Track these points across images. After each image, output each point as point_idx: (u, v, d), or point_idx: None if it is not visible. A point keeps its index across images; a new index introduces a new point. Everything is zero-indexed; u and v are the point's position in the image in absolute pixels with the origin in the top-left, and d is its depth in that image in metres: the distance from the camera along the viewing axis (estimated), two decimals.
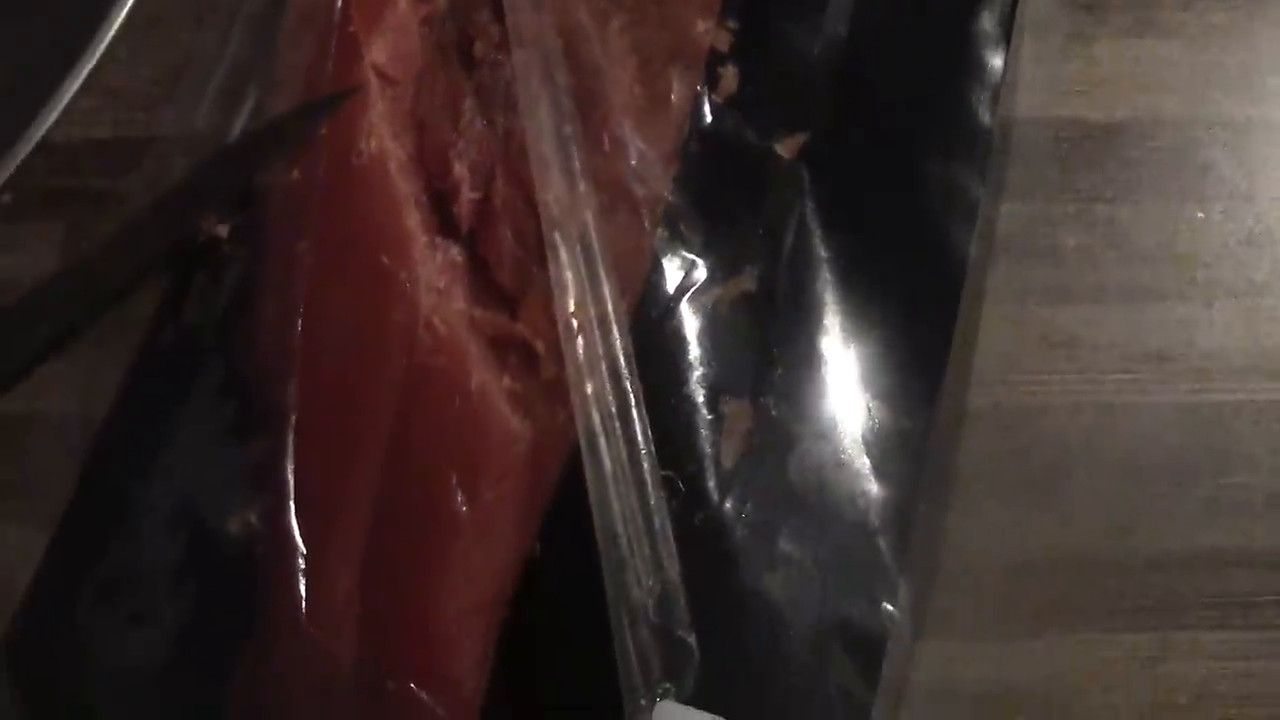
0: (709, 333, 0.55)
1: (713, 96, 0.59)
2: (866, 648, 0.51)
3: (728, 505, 0.52)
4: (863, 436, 0.53)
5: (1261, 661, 0.54)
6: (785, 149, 0.57)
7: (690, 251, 0.55)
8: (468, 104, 0.58)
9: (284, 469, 0.53)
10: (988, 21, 0.59)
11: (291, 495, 0.52)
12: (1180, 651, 0.54)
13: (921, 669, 0.53)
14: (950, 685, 0.54)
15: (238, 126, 0.58)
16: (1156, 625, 0.54)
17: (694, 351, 0.54)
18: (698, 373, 0.53)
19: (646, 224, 0.55)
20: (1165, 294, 0.59)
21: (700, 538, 0.52)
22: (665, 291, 0.55)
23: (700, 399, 0.53)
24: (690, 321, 0.54)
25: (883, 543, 0.52)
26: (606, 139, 0.56)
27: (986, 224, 0.58)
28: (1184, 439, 0.57)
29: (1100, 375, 0.58)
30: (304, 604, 0.51)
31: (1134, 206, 0.60)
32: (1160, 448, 0.57)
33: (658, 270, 0.55)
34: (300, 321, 0.54)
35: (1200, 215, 0.60)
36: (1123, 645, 0.54)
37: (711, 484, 0.52)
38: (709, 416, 0.53)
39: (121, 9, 0.57)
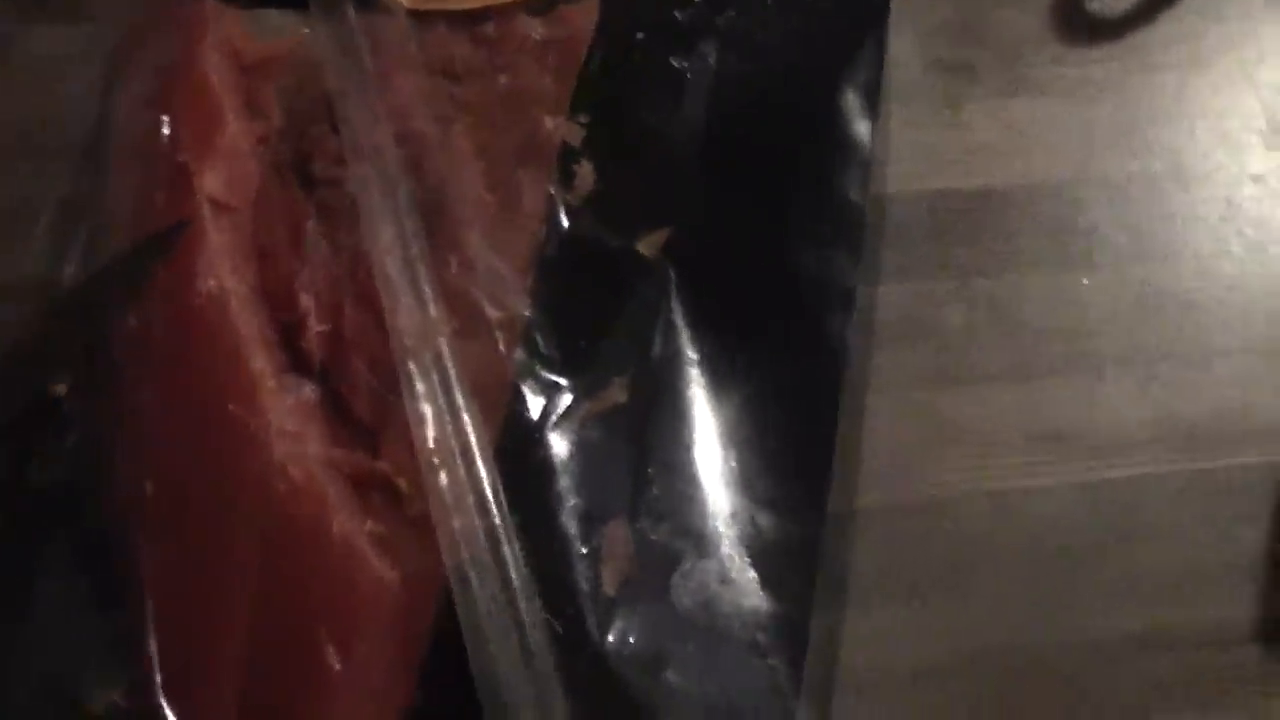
0: (579, 456, 0.52)
1: (567, 197, 0.56)
2: None
3: (610, 640, 0.49)
4: (749, 548, 0.51)
5: None
6: (647, 246, 0.55)
7: (552, 372, 0.53)
8: (310, 226, 0.55)
9: (147, 641, 0.50)
10: (852, 94, 0.57)
11: (157, 668, 0.49)
12: None
13: None
14: None
15: (69, 268, 0.55)
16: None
17: (564, 479, 0.51)
18: (570, 502, 0.51)
19: (503, 347, 0.53)
20: (1055, 369, 0.57)
21: (586, 678, 0.49)
22: (529, 418, 0.52)
23: (574, 530, 0.50)
24: (559, 446, 0.52)
25: (777, 663, 0.49)
26: (455, 257, 0.53)
27: (864, 309, 0.56)
28: (1087, 521, 0.55)
29: (994, 462, 0.55)
30: None
31: (1016, 279, 0.58)
32: (1063, 532, 0.54)
33: (519, 396, 0.52)
34: (149, 481, 0.51)
35: (1086, 282, 0.58)
36: None
37: (592, 621, 0.49)
38: (583, 550, 0.50)
39: None
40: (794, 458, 0.53)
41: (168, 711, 0.49)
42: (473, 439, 0.51)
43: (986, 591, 0.53)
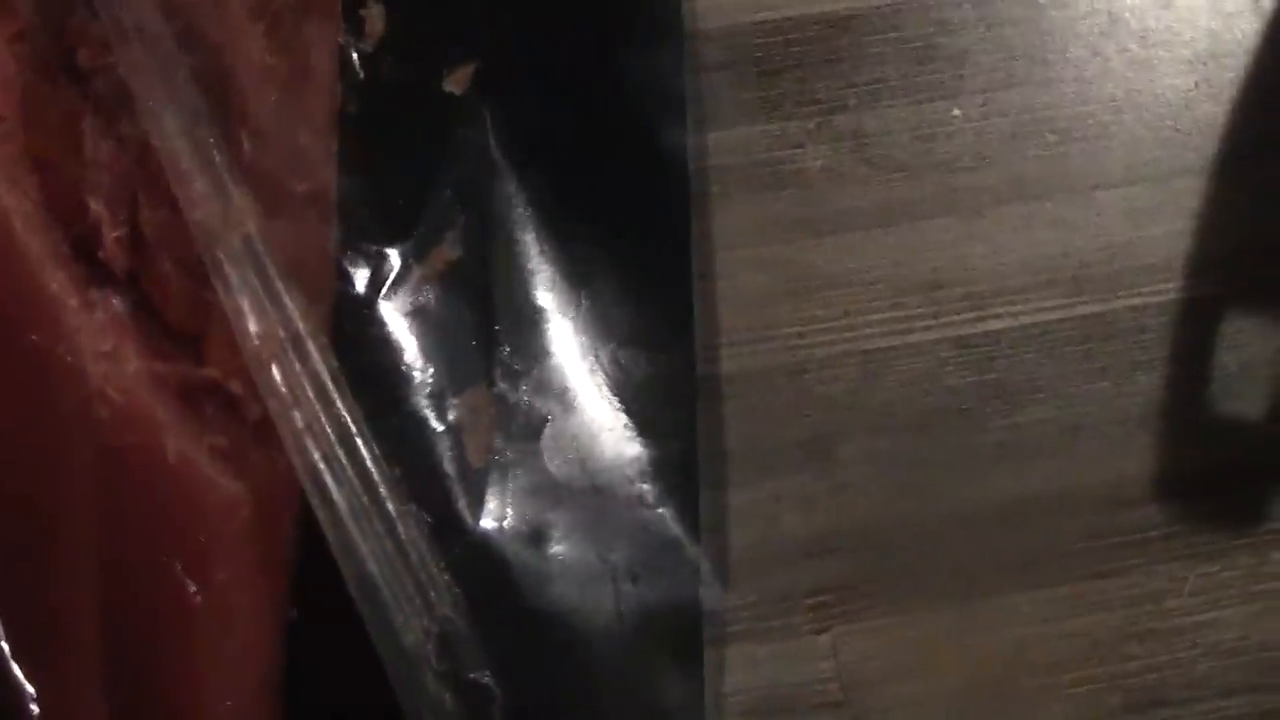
0: (420, 326, 0.48)
1: (360, 45, 0.51)
2: (681, 637, 0.47)
3: (486, 521, 0.47)
4: (618, 394, 0.48)
5: (1073, 620, 0.49)
6: (455, 83, 0.51)
7: (375, 240, 0.49)
8: (88, 125, 0.49)
9: None
10: None
11: (2, 635, 0.46)
12: (984, 623, 0.49)
13: None
14: (730, 691, 0.49)
15: None
16: (955, 596, 0.49)
17: (408, 354, 0.48)
18: (418, 377, 0.47)
19: (317, 221, 0.48)
20: (928, 211, 0.53)
21: (467, 563, 0.46)
22: (358, 293, 0.49)
23: (427, 407, 0.47)
24: (395, 320, 0.48)
25: (667, 512, 0.46)
26: (247, 133, 0.48)
27: (711, 155, 0.52)
28: (964, 378, 0.51)
29: (864, 317, 0.52)
30: None
31: (880, 113, 0.53)
32: (938, 392, 0.51)
33: (344, 272, 0.48)
34: None
35: (957, 113, 0.53)
36: (921, 625, 0.49)
37: (462, 503, 0.46)
38: (440, 428, 0.46)
39: None
40: (650, 285, 0.50)
41: (21, 678, 0.45)
42: (300, 326, 0.47)
43: (858, 462, 0.50)
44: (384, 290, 0.48)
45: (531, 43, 0.51)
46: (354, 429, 0.46)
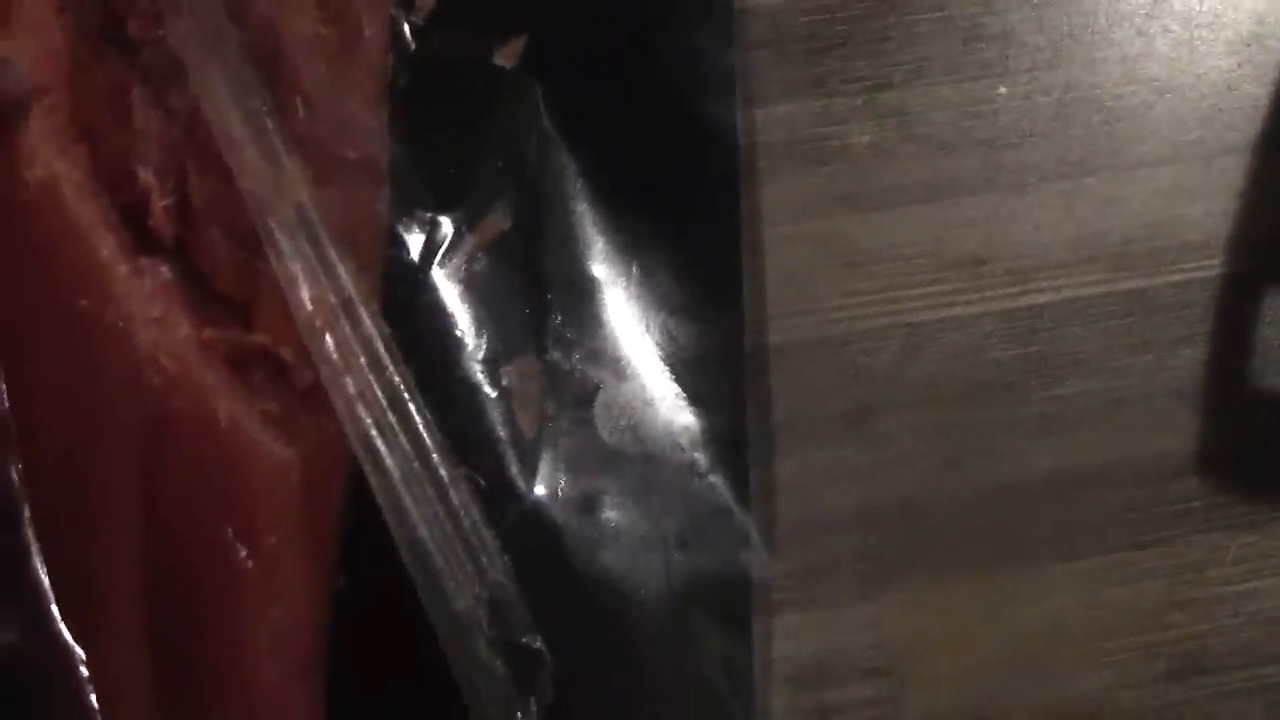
0: (471, 294, 0.48)
1: (411, 18, 0.51)
2: (730, 604, 0.47)
3: (538, 487, 0.46)
4: (669, 363, 0.48)
5: (1114, 589, 0.50)
6: (505, 57, 0.51)
7: (426, 208, 0.49)
8: (137, 95, 0.49)
9: (33, 569, 0.46)
10: None
11: (51, 598, 0.46)
12: (1025, 593, 0.50)
13: None
14: (775, 659, 0.49)
15: None
16: (996, 567, 0.50)
17: (460, 321, 0.48)
18: (470, 345, 0.47)
19: (369, 188, 0.48)
20: (972, 187, 0.53)
21: (519, 529, 0.46)
22: (410, 261, 0.48)
23: (480, 374, 0.47)
24: (447, 287, 0.48)
25: (717, 480, 0.46)
26: (299, 100, 0.48)
27: (759, 131, 0.52)
28: (1006, 351, 0.52)
29: (906, 291, 0.52)
30: (98, 716, 0.45)
31: (925, 91, 0.53)
32: (981, 365, 0.51)
33: (396, 239, 0.48)
34: (8, 399, 0.47)
35: (1002, 91, 0.53)
36: (962, 595, 0.50)
37: (515, 470, 0.46)
38: (493, 394, 0.46)
39: None
40: (700, 258, 0.50)
41: (69, 639, 0.45)
42: (353, 292, 0.47)
43: (900, 434, 0.51)
44: (437, 258, 0.48)
45: (581, 18, 0.51)
46: (406, 395, 0.46)
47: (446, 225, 0.49)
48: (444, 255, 0.48)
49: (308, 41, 0.50)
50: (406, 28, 0.51)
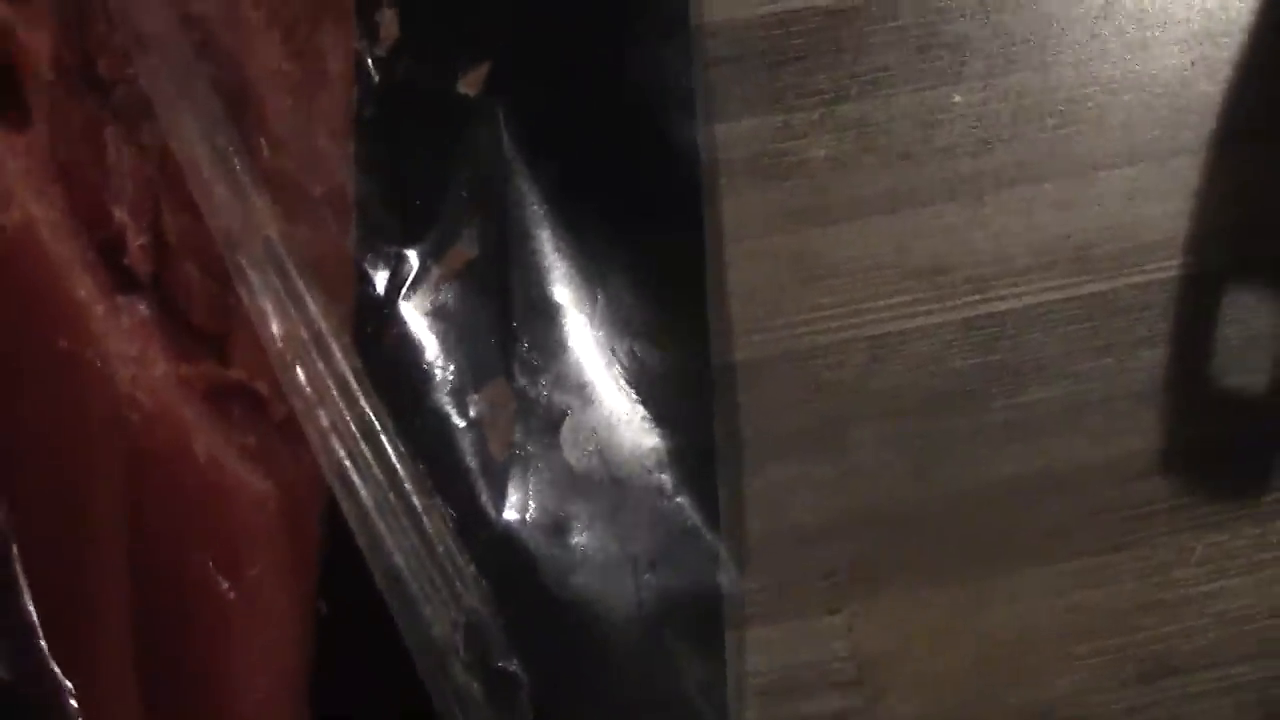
0: (439, 324, 0.49)
1: (375, 50, 0.52)
2: (701, 622, 0.48)
3: (509, 513, 0.47)
4: (635, 385, 0.49)
5: (1083, 593, 0.50)
6: (468, 85, 0.51)
7: (393, 241, 0.49)
8: (110, 133, 0.50)
9: (22, 604, 0.47)
10: None
11: (40, 632, 0.47)
12: (995, 599, 0.50)
13: None
14: (747, 672, 0.50)
15: None
16: (964, 575, 0.50)
17: (429, 351, 0.49)
18: (439, 374, 0.48)
19: (335, 223, 0.48)
20: (932, 196, 0.53)
21: (491, 554, 0.47)
22: (378, 294, 0.49)
23: (449, 404, 0.48)
24: (415, 318, 0.49)
25: (684, 501, 0.47)
26: (265, 138, 0.49)
27: (718, 148, 0.52)
28: (969, 360, 0.52)
29: (869, 303, 0.52)
30: None
31: (885, 100, 0.54)
32: (944, 375, 0.52)
33: (363, 273, 0.49)
34: None
35: (958, 99, 0.54)
36: (933, 603, 0.50)
37: (485, 497, 0.47)
38: (462, 423, 0.47)
39: None
40: (664, 279, 0.50)
41: (58, 672, 0.46)
42: (323, 326, 0.48)
43: (866, 446, 0.51)
44: (403, 290, 0.49)
45: (543, 42, 0.52)
46: (378, 426, 0.47)
47: (412, 258, 0.50)
48: (410, 287, 0.49)
49: (273, 76, 0.51)
50: (370, 60, 0.52)
